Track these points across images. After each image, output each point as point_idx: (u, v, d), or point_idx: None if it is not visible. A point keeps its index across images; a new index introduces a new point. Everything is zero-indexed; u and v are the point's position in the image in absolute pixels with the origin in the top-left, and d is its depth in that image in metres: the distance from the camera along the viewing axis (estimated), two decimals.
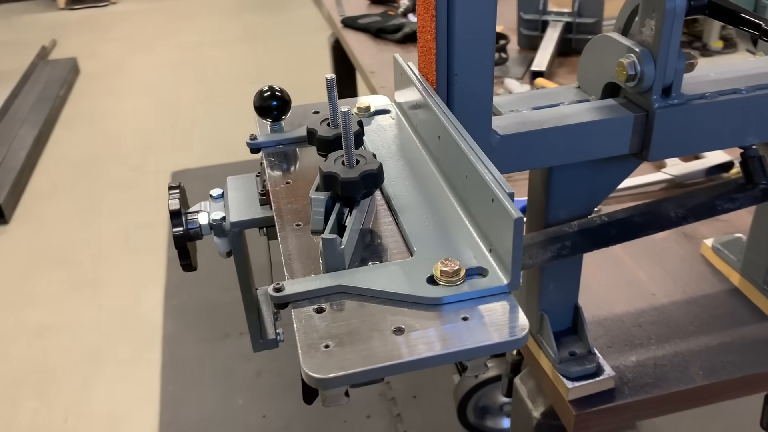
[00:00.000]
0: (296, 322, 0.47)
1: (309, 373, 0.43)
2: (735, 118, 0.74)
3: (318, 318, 0.48)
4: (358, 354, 0.44)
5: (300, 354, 0.45)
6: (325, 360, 0.44)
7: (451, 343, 0.44)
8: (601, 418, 0.92)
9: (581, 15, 1.87)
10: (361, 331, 0.46)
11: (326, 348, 0.45)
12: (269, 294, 0.50)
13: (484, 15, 0.63)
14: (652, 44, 0.69)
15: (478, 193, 0.52)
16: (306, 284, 0.49)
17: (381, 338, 0.45)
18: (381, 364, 0.43)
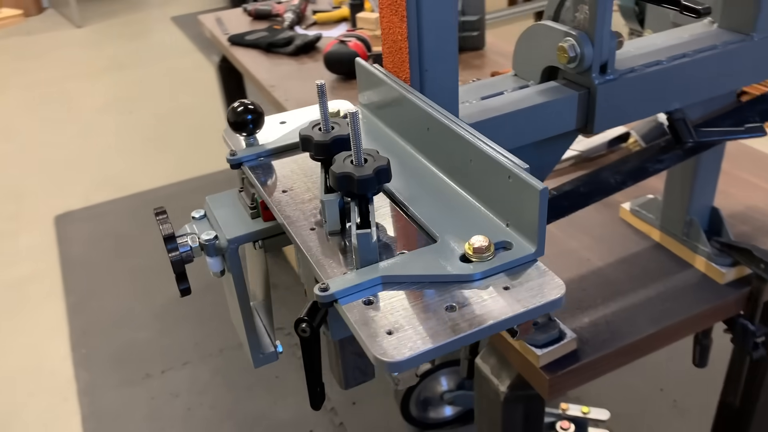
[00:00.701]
0: (351, 316, 0.49)
1: (382, 358, 0.45)
2: (660, 87, 0.83)
3: (370, 309, 0.49)
4: (421, 334, 0.47)
5: (367, 343, 0.46)
6: (393, 344, 0.46)
7: (503, 310, 0.48)
8: (571, 378, 0.99)
9: (465, 14, 1.98)
10: (415, 314, 0.49)
11: (389, 334, 0.47)
12: (316, 294, 0.51)
13: (448, 12, 0.67)
14: (587, 27, 0.76)
15: (488, 173, 0.56)
16: (348, 281, 0.51)
17: (437, 317, 0.48)
18: (448, 339, 0.46)
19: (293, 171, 0.69)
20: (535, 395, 1.16)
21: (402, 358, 0.45)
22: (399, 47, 0.68)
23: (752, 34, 0.86)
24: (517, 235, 0.54)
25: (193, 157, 3.70)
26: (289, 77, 1.98)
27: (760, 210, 1.25)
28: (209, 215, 0.71)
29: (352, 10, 2.22)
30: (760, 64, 0.89)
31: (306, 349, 0.73)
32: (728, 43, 0.85)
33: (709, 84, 0.87)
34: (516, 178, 0.52)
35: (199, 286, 2.75)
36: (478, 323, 0.47)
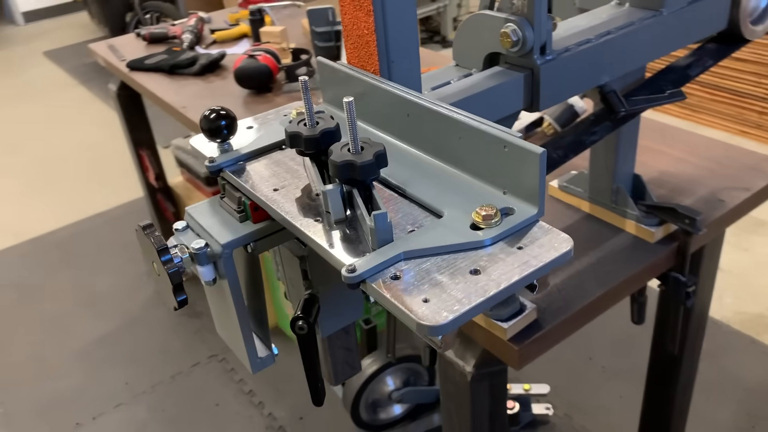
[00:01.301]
0: (384, 292, 0.51)
1: (425, 323, 0.47)
2: (592, 63, 0.90)
3: (399, 283, 0.52)
4: (456, 298, 0.49)
5: (408, 313, 0.49)
6: (433, 310, 0.48)
7: (524, 267, 0.51)
8: (536, 347, 1.05)
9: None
10: (443, 282, 0.51)
11: (426, 302, 0.49)
12: (344, 276, 0.52)
13: (409, 5, 0.70)
14: (527, 12, 0.82)
15: (479, 147, 0.59)
16: (372, 260, 0.53)
17: (465, 281, 0.51)
18: (482, 298, 0.49)
19: (276, 171, 0.70)
20: (499, 371, 1.21)
21: (445, 321, 0.47)
22: (366, 41, 0.71)
23: (662, 9, 0.95)
24: (517, 201, 0.58)
25: (90, 193, 3.54)
26: (200, 97, 1.95)
27: (671, 173, 1.37)
28: (193, 225, 0.70)
29: (253, 25, 2.22)
30: (671, 35, 0.98)
31: (304, 347, 0.74)
32: (643, 19, 0.94)
33: (632, 57, 0.95)
34: (512, 147, 0.56)
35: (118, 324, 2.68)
36: (505, 280, 0.50)
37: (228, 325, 0.74)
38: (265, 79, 1.90)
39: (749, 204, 1.29)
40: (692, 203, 1.26)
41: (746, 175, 1.34)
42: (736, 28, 1.08)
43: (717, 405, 2.07)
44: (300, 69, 1.93)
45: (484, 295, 0.49)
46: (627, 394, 2.15)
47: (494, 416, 1.27)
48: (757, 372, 2.19)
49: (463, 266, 0.53)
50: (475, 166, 0.61)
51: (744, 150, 1.44)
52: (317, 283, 0.76)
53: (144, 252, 0.70)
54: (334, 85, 0.77)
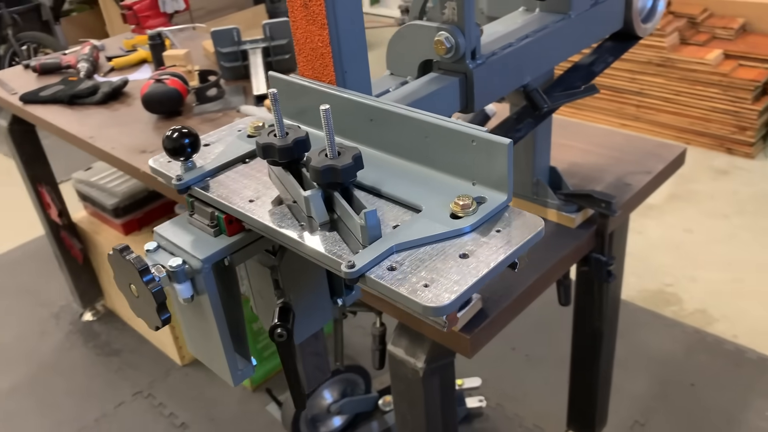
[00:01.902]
0: (385, 282, 0.54)
1: (428, 305, 0.51)
2: (516, 64, 0.98)
3: (397, 273, 0.55)
4: (453, 280, 0.54)
5: (411, 298, 0.52)
6: (435, 293, 0.52)
7: (507, 247, 0.56)
8: (485, 334, 1.11)
9: (274, 39, 2.05)
10: (437, 267, 0.55)
11: (426, 287, 0.53)
12: (344, 272, 0.55)
13: (357, 18, 0.74)
14: (457, 21, 0.88)
15: (447, 143, 0.64)
16: (368, 255, 0.56)
17: (457, 265, 0.55)
18: (477, 278, 0.53)
19: (245, 183, 0.72)
20: (447, 363, 1.27)
21: (449, 302, 0.51)
22: (320, 53, 0.74)
23: (570, 12, 1.05)
24: (487, 190, 0.63)
25: None
26: (107, 125, 1.90)
27: (580, 164, 1.48)
28: (165, 245, 0.70)
29: (153, 50, 2.18)
30: (578, 36, 1.08)
31: (284, 353, 0.76)
32: (555, 22, 1.03)
33: (548, 57, 1.04)
34: (480, 140, 0.61)
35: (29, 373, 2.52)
36: (493, 260, 0.55)
37: (206, 341, 0.74)
38: (175, 102, 1.87)
39: (652, 185, 1.42)
40: (603, 189, 1.38)
41: (646, 160, 1.47)
42: (630, 27, 1.19)
43: (632, 378, 2.22)
44: (210, 90, 1.92)
45: (478, 275, 0.54)
46: (552, 379, 2.27)
47: (446, 409, 1.32)
48: (663, 343, 2.37)
49: (452, 252, 0.57)
50: (443, 161, 0.66)
51: (641, 138, 1.58)
52: (289, 291, 0.77)
53: (118, 276, 0.69)
54: (287, 98, 0.79)
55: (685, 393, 2.18)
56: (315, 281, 0.80)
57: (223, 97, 1.94)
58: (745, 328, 2.39)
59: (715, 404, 2.12)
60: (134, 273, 0.65)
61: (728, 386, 2.18)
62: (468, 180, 0.64)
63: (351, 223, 0.60)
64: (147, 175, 1.65)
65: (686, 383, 2.21)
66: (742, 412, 2.09)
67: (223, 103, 1.92)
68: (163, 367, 2.46)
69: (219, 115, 1.89)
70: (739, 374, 2.22)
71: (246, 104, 1.88)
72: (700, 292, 2.58)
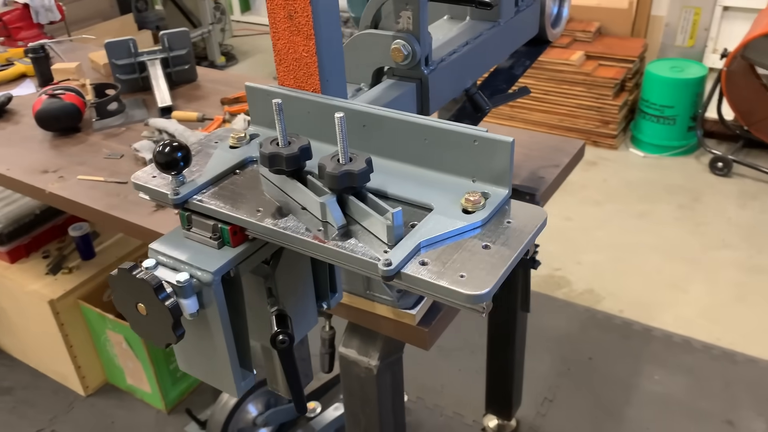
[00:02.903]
0: (423, 277, 0.58)
1: (472, 293, 0.55)
2: (461, 69, 1.04)
3: (430, 267, 0.59)
4: (484, 269, 0.58)
5: (454, 289, 0.56)
6: (473, 283, 0.57)
7: (522, 236, 0.62)
8: (440, 325, 1.17)
9: (173, 49, 1.99)
10: (465, 258, 0.59)
11: (462, 277, 0.57)
12: (382, 270, 0.58)
13: (336, 29, 0.77)
14: (413, 29, 0.93)
15: (447, 145, 0.68)
16: (400, 253, 0.59)
17: (482, 254, 0.60)
18: (507, 265, 0.58)
19: (242, 193, 0.72)
20: (397, 359, 1.31)
21: (489, 288, 0.56)
22: (305, 63, 0.75)
23: (499, 20, 1.13)
24: (487, 185, 0.68)
25: None
26: None
27: None
28: (166, 261, 0.69)
29: (36, 63, 2.05)
30: (506, 41, 1.16)
31: (286, 359, 0.77)
32: (487, 29, 1.11)
33: (485, 62, 1.11)
34: (482, 140, 0.66)
35: None
36: (515, 247, 0.60)
37: (208, 356, 0.73)
38: (73, 119, 1.78)
39: (561, 177, 1.55)
40: (522, 182, 1.48)
41: (553, 155, 1.60)
42: (543, 33, 1.30)
43: (536, 358, 2.38)
44: (111, 104, 1.83)
45: (507, 261, 0.59)
46: (465, 367, 2.38)
47: (396, 404, 1.36)
48: (559, 323, 2.56)
49: (473, 244, 0.61)
50: (441, 162, 0.70)
51: (544, 135, 1.71)
52: (283, 299, 0.78)
53: (120, 297, 0.67)
54: (263, 108, 0.80)
55: (585, 367, 2.37)
56: (304, 287, 0.82)
57: (125, 110, 1.87)
58: (628, 302, 2.63)
59: (611, 374, 2.32)
60: (146, 291, 0.64)
61: (621, 357, 2.39)
62: (468, 178, 0.69)
63: (371, 225, 0.63)
64: (54, 196, 1.55)
65: (585, 358, 2.40)
66: (635, 378, 2.30)
67: (124, 117, 1.85)
68: (65, 400, 2.30)
69: (122, 129, 1.81)
70: (628, 345, 2.44)
71: (149, 117, 1.82)
72: (586, 273, 2.80)
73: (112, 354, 2.27)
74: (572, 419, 2.18)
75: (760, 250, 2.85)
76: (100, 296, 2.26)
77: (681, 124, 3.48)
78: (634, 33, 3.76)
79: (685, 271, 2.77)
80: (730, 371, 2.30)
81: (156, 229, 1.39)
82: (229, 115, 1.82)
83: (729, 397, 2.20)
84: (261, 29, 5.52)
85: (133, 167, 1.63)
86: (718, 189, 3.29)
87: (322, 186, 0.67)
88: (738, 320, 2.51)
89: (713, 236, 2.97)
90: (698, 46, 3.61)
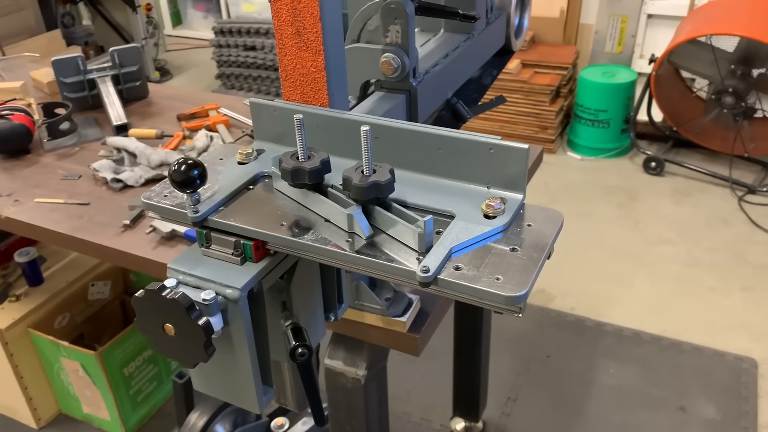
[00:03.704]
0: (460, 281, 0.60)
1: (511, 295, 0.58)
2: (443, 80, 1.07)
3: (465, 272, 0.61)
4: (518, 270, 0.61)
5: (493, 291, 0.58)
6: (510, 284, 0.59)
7: (545, 238, 0.65)
8: (428, 331, 1.19)
9: (123, 66, 1.95)
10: (496, 262, 0.62)
11: (498, 280, 0.60)
12: (420, 276, 0.59)
13: (340, 43, 0.79)
14: (401, 42, 0.95)
15: (462, 154, 0.71)
16: (434, 259, 0.61)
17: (512, 257, 0.62)
18: (538, 266, 0.61)
19: (260, 207, 0.72)
20: (383, 368, 1.32)
21: (526, 289, 0.58)
22: (312, 78, 0.76)
23: (473, 33, 1.16)
24: (502, 191, 0.70)
25: None
26: None
27: None
28: (188, 280, 0.68)
29: None
30: (479, 53, 1.20)
31: (305, 372, 0.78)
32: (463, 41, 1.14)
33: (462, 72, 1.15)
34: (498, 147, 0.69)
35: None
36: (541, 249, 0.63)
37: (229, 373, 0.73)
38: (23, 139, 1.72)
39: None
40: None
41: None
42: (508, 43, 1.35)
43: (496, 359, 2.43)
44: (63, 124, 1.78)
45: (538, 262, 0.61)
46: (428, 373, 2.41)
47: (382, 413, 1.37)
48: (516, 323, 2.63)
49: (501, 248, 0.64)
50: (455, 170, 0.72)
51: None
52: (298, 311, 0.79)
53: (145, 319, 0.66)
54: (267, 123, 0.81)
55: (544, 365, 2.44)
56: (314, 300, 0.82)
57: (77, 130, 1.81)
58: (579, 300, 2.73)
59: (568, 370, 2.40)
60: (177, 311, 0.63)
61: (576, 353, 2.48)
62: (482, 185, 0.72)
63: (400, 233, 0.65)
64: (12, 221, 1.49)
65: (542, 356, 2.47)
66: (591, 372, 2.39)
67: (77, 137, 1.79)
68: None
69: (76, 149, 1.76)
70: (582, 341, 2.53)
71: (102, 136, 1.77)
72: None
73: (66, 383, 2.18)
74: (536, 416, 2.24)
75: (696, 244, 3.01)
76: (52, 323, 2.17)
77: (614, 127, 3.64)
78: (566, 41, 3.92)
79: (629, 267, 2.90)
80: (679, 360, 2.42)
81: (127, 250, 1.35)
82: (189, 132, 1.80)
83: (679, 385, 2.31)
84: (194, 43, 5.43)
85: (94, 188, 1.59)
86: (653, 187, 3.46)
87: (345, 198, 0.68)
88: (681, 311, 2.64)
89: (652, 233, 3.12)
90: (626, 52, 3.79)
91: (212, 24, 4.45)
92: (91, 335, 2.31)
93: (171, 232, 1.38)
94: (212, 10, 5.50)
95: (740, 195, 3.29)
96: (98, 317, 2.34)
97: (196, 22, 5.58)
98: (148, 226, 1.41)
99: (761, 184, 3.35)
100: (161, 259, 1.33)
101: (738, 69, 3.19)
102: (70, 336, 2.20)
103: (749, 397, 2.25)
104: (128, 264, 1.39)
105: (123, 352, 2.11)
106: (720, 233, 3.08)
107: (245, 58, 4.22)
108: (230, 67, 4.32)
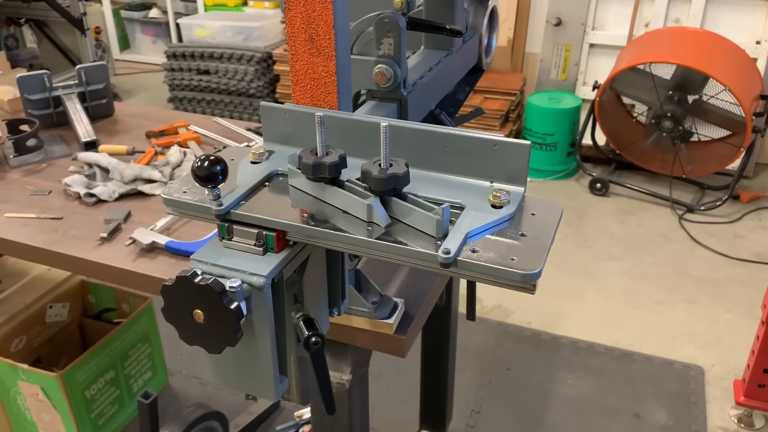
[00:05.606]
0: (478, 262, 0.65)
1: (526, 272, 0.63)
2: (428, 92, 1.13)
3: (481, 254, 0.66)
4: (530, 252, 0.66)
5: (510, 269, 0.64)
6: (525, 264, 0.65)
7: (550, 225, 0.71)
8: (413, 333, 1.23)
9: (90, 83, 1.95)
10: (508, 246, 0.67)
11: (513, 260, 0.65)
12: (442, 258, 0.64)
13: (347, 49, 0.84)
14: (393, 54, 1.01)
15: (467, 151, 0.76)
16: (454, 243, 0.66)
17: (522, 241, 0.68)
18: (547, 248, 0.67)
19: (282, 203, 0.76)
20: (365, 372, 1.35)
21: (539, 268, 0.64)
22: (323, 82, 0.81)
23: (452, 49, 1.24)
24: (504, 185, 0.76)
25: None
26: None
27: None
28: (211, 269, 0.71)
29: None
30: (457, 68, 1.28)
31: (317, 361, 0.81)
32: (444, 57, 1.21)
33: (444, 85, 1.21)
34: (502, 144, 0.75)
35: None
36: (547, 234, 0.69)
37: (247, 361, 0.76)
38: None
39: None
40: None
41: None
42: (480, 62, 1.43)
43: (459, 372, 2.48)
44: (30, 141, 1.76)
45: (546, 245, 0.67)
46: (393, 388, 2.44)
47: (363, 418, 1.40)
48: (476, 338, 2.69)
49: (511, 233, 0.70)
50: (459, 166, 0.78)
51: None
52: (308, 304, 0.82)
53: (174, 307, 0.69)
54: (276, 125, 0.85)
55: (504, 377, 2.51)
56: (320, 294, 0.86)
57: (43, 146, 1.79)
58: (535, 315, 2.82)
59: (529, 382, 2.48)
60: (210, 296, 0.66)
61: (535, 365, 2.55)
62: (485, 179, 0.78)
63: (416, 221, 0.69)
64: None
65: (503, 369, 2.54)
66: (550, 383, 2.47)
67: (44, 153, 1.78)
68: None
69: (43, 166, 1.74)
70: (540, 354, 2.61)
71: (69, 152, 1.76)
72: (493, 290, 2.97)
73: (24, 408, 2.12)
74: (499, 428, 2.30)
75: (641, 260, 3.16)
76: (8, 346, 2.11)
77: (561, 150, 3.80)
78: (513, 68, 4.08)
79: (580, 282, 3.02)
80: (631, 370, 2.53)
81: (106, 262, 1.35)
82: (160, 148, 1.80)
83: (633, 393, 2.41)
84: (142, 67, 5.39)
85: (65, 203, 1.58)
86: (599, 207, 3.62)
87: (362, 190, 0.72)
88: (631, 323, 2.76)
89: (600, 250, 3.25)
90: (570, 79, 3.98)
91: (162, 48, 4.45)
92: (48, 359, 2.26)
93: (151, 244, 1.38)
94: (161, 35, 5.48)
95: (680, 213, 3.48)
96: (56, 340, 2.29)
97: (145, 46, 5.54)
98: (127, 238, 1.41)
99: (699, 203, 3.55)
100: (142, 271, 1.34)
101: (675, 95, 3.40)
102: (27, 359, 2.14)
103: (698, 403, 2.37)
104: (107, 277, 1.38)
105: (85, 374, 2.07)
106: (663, 249, 3.24)
107: (198, 81, 4.23)
108: (183, 90, 4.31)
